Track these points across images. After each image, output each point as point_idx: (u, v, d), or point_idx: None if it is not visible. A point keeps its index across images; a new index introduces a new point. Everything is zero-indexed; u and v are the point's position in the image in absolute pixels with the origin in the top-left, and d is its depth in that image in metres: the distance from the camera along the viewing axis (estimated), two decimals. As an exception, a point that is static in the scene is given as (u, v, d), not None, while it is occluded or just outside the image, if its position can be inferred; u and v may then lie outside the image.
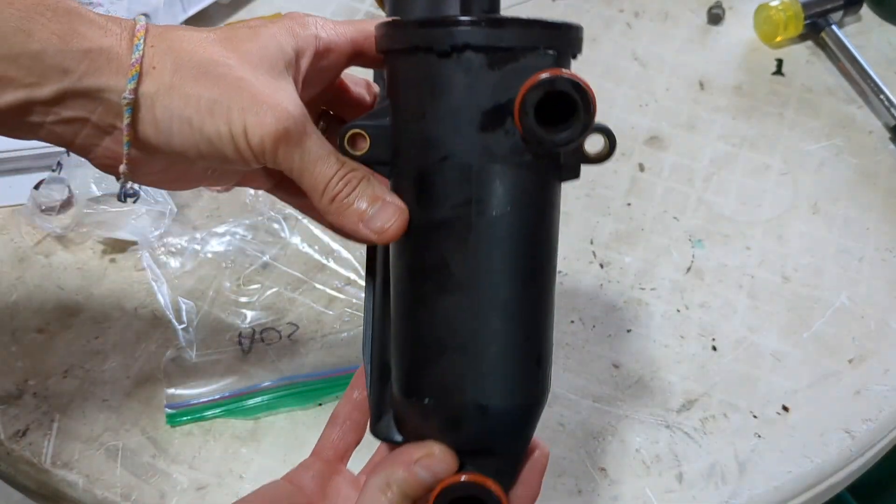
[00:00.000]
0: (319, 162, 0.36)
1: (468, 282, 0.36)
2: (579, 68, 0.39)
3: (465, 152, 0.35)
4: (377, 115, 0.38)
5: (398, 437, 0.40)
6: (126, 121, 0.35)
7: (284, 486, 0.41)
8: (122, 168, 0.37)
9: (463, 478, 0.36)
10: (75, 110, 0.35)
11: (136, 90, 0.34)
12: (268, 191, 0.45)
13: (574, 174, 0.39)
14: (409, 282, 0.37)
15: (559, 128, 0.34)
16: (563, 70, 0.35)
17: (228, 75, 0.35)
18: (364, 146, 0.37)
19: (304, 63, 0.38)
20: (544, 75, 0.34)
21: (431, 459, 0.36)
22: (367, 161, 0.38)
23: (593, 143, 0.38)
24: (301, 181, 0.37)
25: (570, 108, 0.34)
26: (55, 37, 0.34)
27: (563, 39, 0.37)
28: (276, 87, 0.36)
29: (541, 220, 0.37)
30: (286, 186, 0.44)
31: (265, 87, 0.35)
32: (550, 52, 0.36)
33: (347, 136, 0.37)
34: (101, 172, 0.67)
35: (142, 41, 0.35)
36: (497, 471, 0.37)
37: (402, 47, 0.36)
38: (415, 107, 0.36)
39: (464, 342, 0.36)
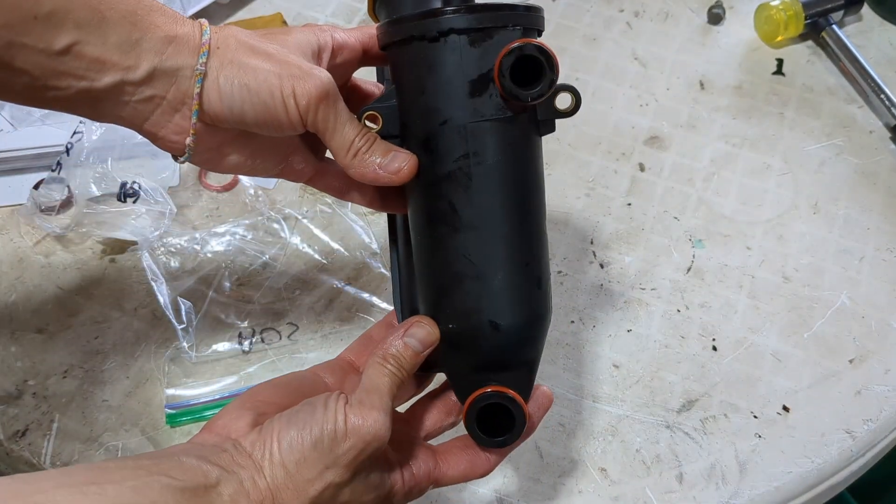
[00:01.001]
0: (348, 123, 0.44)
1: (474, 221, 0.44)
2: (580, 68, 0.41)
3: (459, 115, 0.43)
4: (386, 98, 0.45)
5: None
6: (196, 90, 0.42)
7: (310, 375, 0.47)
8: (188, 140, 0.43)
9: (489, 389, 0.44)
10: (156, 88, 0.42)
11: (206, 63, 0.42)
12: (306, 181, 0.50)
13: (550, 128, 0.46)
14: (426, 228, 0.45)
15: (531, 86, 0.42)
16: (530, 39, 0.42)
17: (277, 53, 0.43)
18: (378, 123, 0.45)
19: (325, 57, 0.46)
20: (515, 44, 0.41)
21: (415, 327, 0.44)
22: (381, 135, 0.45)
23: (562, 101, 0.44)
24: (332, 140, 0.44)
25: (537, 69, 0.42)
26: (153, 26, 0.41)
27: (526, 18, 0.44)
28: (313, 65, 0.44)
29: (526, 167, 0.45)
30: (322, 175, 0.50)
31: (305, 64, 0.43)
32: (517, 28, 0.43)
33: (364, 116, 0.45)
34: (100, 172, 0.67)
35: (209, 29, 0.43)
36: (514, 384, 0.45)
37: (400, 39, 0.44)
38: (415, 85, 0.44)
39: (475, 272, 0.44)
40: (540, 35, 0.45)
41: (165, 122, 0.43)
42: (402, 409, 0.48)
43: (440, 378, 0.49)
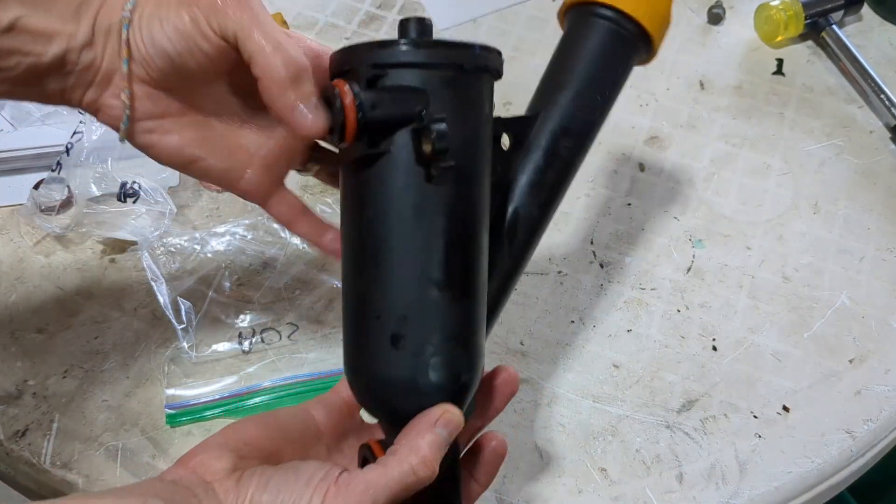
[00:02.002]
0: (267, 25, 0.40)
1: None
2: None
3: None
4: None
5: None
6: (124, 36, 0.41)
7: (299, 414, 0.43)
8: (123, 96, 0.42)
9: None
10: (95, 50, 0.41)
11: (132, 10, 0.41)
12: (257, 202, 0.47)
13: (430, 176, 0.40)
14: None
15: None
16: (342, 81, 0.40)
17: None
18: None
19: None
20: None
21: (446, 416, 0.39)
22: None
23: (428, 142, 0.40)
24: (247, 41, 0.39)
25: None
26: None
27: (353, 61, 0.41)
28: None
29: (418, 222, 0.40)
30: (275, 201, 0.47)
31: None
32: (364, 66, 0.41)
33: None
34: (100, 172, 0.67)
35: None
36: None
37: None
38: None
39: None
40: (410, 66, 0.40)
41: (105, 86, 0.42)
42: None
43: None
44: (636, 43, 0.51)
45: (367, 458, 0.40)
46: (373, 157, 0.40)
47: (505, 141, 0.46)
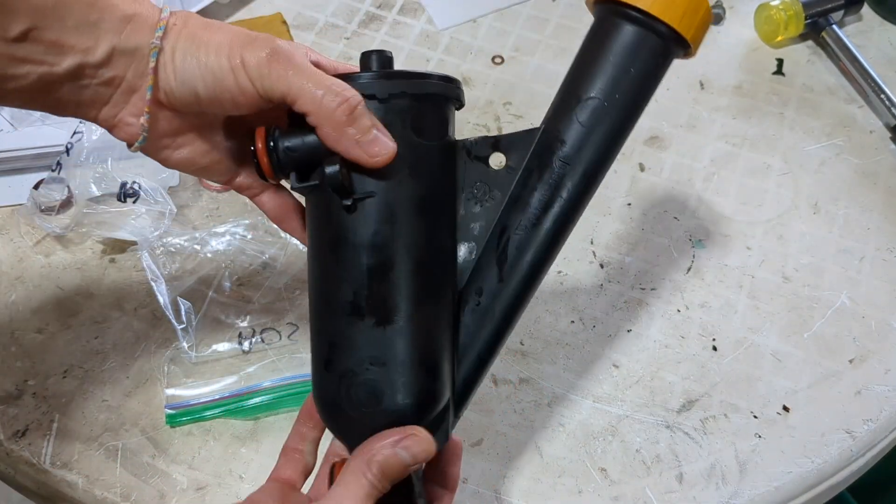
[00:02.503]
0: (315, 74, 0.40)
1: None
2: None
3: None
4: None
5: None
6: (151, 64, 0.41)
7: None
8: (142, 119, 0.42)
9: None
10: (116, 69, 0.41)
11: (162, 38, 0.41)
12: (251, 197, 0.48)
13: (347, 207, 0.42)
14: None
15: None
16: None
17: (229, 28, 0.42)
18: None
19: None
20: None
21: (413, 441, 0.39)
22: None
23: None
24: (298, 98, 0.40)
25: None
26: (111, 6, 0.40)
27: None
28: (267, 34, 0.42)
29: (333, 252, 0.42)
30: (267, 197, 0.48)
31: (257, 33, 0.42)
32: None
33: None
34: (100, 172, 0.67)
35: (168, 9, 0.42)
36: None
37: None
38: None
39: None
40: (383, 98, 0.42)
41: (123, 104, 0.42)
42: None
43: None
44: (670, 49, 0.45)
45: (332, 476, 0.41)
46: (306, 190, 0.42)
47: (498, 160, 0.45)
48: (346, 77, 0.41)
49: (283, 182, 0.45)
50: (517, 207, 0.44)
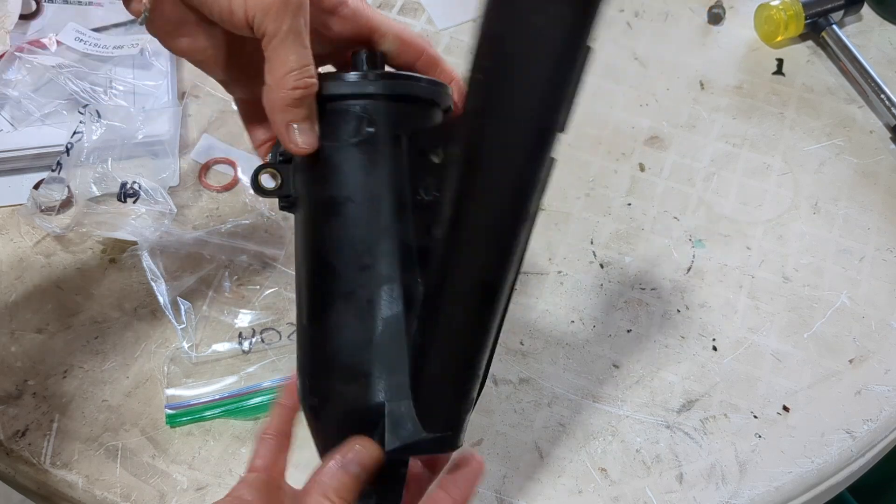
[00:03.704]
0: (297, 48, 0.40)
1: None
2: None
3: None
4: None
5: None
6: None
7: (231, 502, 0.42)
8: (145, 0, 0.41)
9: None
10: None
11: None
12: (220, 78, 0.48)
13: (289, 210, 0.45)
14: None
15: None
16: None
17: None
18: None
19: None
20: None
21: (354, 452, 0.40)
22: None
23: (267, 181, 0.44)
24: (270, 59, 0.40)
25: None
26: None
27: None
28: None
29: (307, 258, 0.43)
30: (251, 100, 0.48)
31: None
32: None
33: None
34: (100, 172, 0.67)
35: None
36: None
37: None
38: None
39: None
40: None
41: None
42: None
43: None
44: None
45: None
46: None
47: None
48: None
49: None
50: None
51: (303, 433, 0.44)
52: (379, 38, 0.45)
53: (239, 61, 0.46)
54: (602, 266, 0.68)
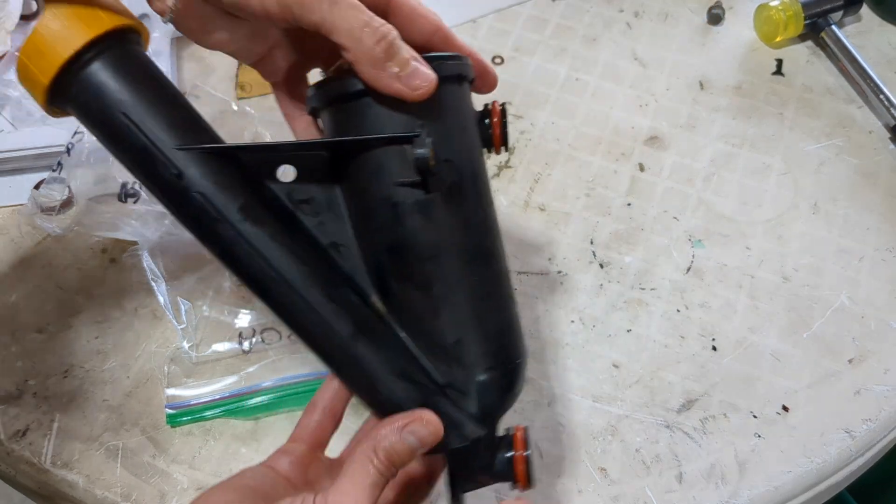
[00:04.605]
0: (352, 10, 0.39)
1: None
2: (580, 68, 0.41)
3: None
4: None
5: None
6: None
7: (265, 471, 0.42)
8: (171, 2, 0.41)
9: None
10: None
11: None
12: (273, 84, 0.48)
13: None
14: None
15: None
16: None
17: None
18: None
19: None
20: None
21: (418, 425, 0.39)
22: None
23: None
24: (332, 31, 0.39)
25: None
26: None
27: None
28: None
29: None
30: (287, 87, 0.48)
31: None
32: None
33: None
34: (101, 172, 0.67)
35: None
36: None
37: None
38: None
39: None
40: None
41: None
42: None
43: None
44: None
45: None
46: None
47: (284, 172, 0.43)
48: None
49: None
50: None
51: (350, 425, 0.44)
52: (395, 11, 0.44)
53: (272, 47, 0.46)
54: (602, 266, 0.68)
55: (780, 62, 0.83)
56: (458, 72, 0.44)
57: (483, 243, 0.44)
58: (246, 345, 0.62)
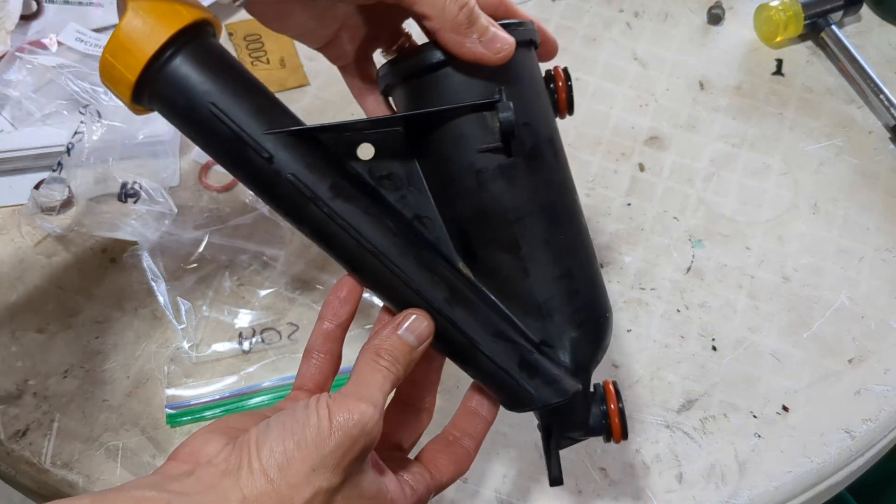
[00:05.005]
0: None
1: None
2: (580, 68, 0.42)
3: None
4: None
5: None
6: None
7: (275, 409, 0.42)
8: None
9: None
10: None
11: None
12: (340, 67, 0.49)
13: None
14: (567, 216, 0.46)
15: None
16: None
17: None
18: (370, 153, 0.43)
19: None
20: None
21: (411, 320, 0.41)
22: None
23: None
24: (417, 2, 0.41)
25: None
26: None
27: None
28: None
29: None
30: (356, 70, 0.49)
31: None
32: None
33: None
34: (101, 172, 0.67)
35: None
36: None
37: None
38: None
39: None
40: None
41: None
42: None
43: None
44: None
45: None
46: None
47: (363, 150, 0.43)
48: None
49: None
50: None
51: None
52: None
53: (339, 29, 0.47)
54: (602, 266, 0.68)
55: (780, 62, 0.83)
56: (529, 37, 0.45)
57: (564, 202, 0.45)
58: (246, 345, 0.62)
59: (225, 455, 0.36)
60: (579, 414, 0.45)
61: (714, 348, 0.64)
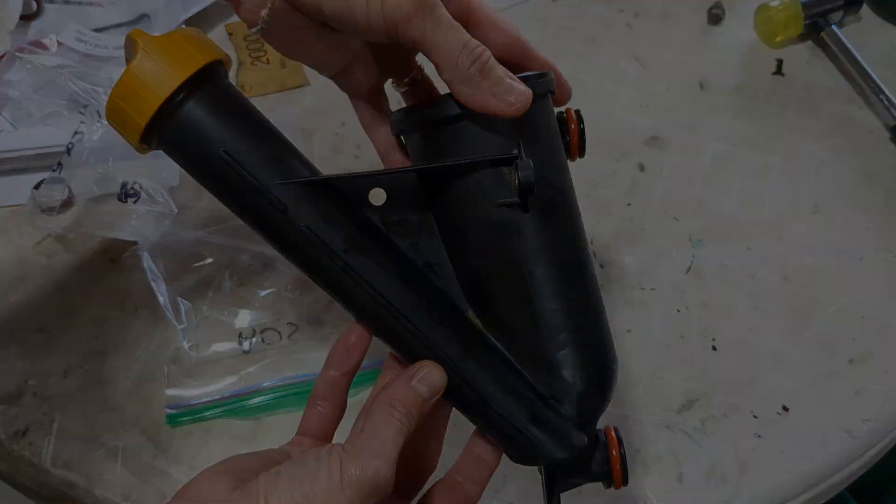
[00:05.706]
0: (452, 30, 0.40)
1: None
2: (580, 68, 0.42)
3: None
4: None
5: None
6: None
7: (286, 449, 0.43)
8: (263, 12, 0.41)
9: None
10: None
11: None
12: (352, 96, 0.49)
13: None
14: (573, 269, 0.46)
15: None
16: None
17: None
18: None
19: None
20: None
21: (425, 373, 0.41)
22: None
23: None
24: (432, 50, 0.40)
25: None
26: None
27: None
28: None
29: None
30: (368, 100, 0.48)
31: None
32: None
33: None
34: (101, 172, 0.67)
35: None
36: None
37: None
38: None
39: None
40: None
41: None
42: None
43: None
44: None
45: None
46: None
47: (376, 195, 0.43)
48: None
49: None
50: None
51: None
52: (475, 22, 0.44)
53: (353, 59, 0.46)
54: (602, 266, 0.68)
55: (780, 62, 0.83)
56: (547, 88, 0.44)
57: (576, 255, 0.44)
58: (246, 345, 0.62)
59: (233, 498, 0.35)
60: (583, 463, 0.45)
61: (714, 348, 0.64)
